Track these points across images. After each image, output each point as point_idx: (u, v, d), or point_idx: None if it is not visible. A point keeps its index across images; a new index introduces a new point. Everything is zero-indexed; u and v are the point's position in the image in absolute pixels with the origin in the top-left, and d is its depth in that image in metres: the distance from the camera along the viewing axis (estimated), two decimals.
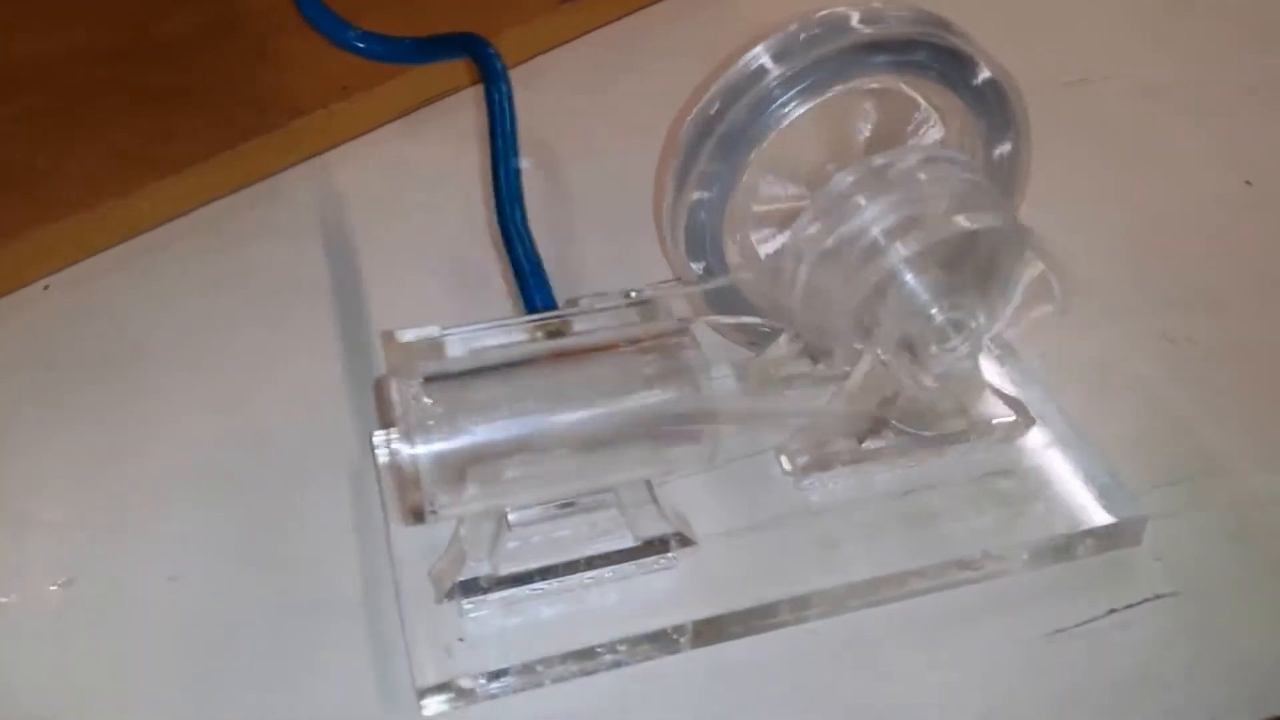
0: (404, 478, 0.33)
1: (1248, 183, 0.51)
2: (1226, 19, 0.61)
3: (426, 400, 0.33)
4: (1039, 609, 0.36)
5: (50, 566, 0.39)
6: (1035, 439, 0.40)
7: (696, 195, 0.39)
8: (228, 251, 0.50)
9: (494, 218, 0.43)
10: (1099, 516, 0.38)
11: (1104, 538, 0.37)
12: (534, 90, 0.54)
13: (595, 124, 0.55)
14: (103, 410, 0.43)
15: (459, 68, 0.56)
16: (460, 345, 0.35)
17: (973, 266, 0.36)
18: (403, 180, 0.53)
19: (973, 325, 0.36)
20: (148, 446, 0.42)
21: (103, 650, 0.36)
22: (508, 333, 0.36)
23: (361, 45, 0.51)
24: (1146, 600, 0.36)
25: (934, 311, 0.36)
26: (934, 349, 0.36)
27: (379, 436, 0.40)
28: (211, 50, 0.57)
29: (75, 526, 0.40)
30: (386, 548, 0.38)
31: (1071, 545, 0.37)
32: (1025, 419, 0.40)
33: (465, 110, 0.56)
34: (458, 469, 0.34)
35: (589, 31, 0.61)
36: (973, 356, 0.37)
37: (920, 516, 0.38)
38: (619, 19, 0.61)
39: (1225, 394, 0.42)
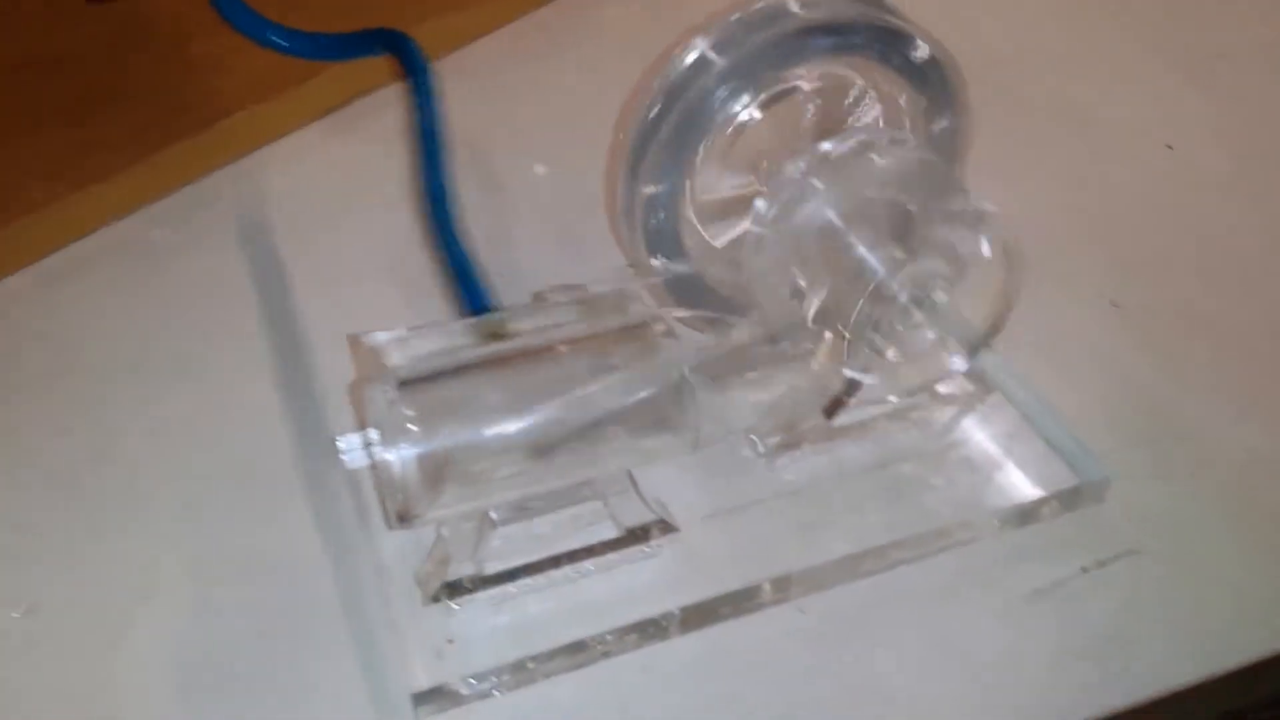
0: (388, 482, 0.33)
1: (1169, 147, 0.52)
2: None
3: (403, 405, 0.33)
4: (1015, 572, 0.37)
5: (8, 594, 0.37)
6: (996, 407, 0.41)
7: (649, 191, 0.39)
8: (158, 260, 0.49)
9: (425, 218, 0.42)
10: (1064, 478, 0.39)
11: (1070, 499, 0.38)
12: (459, 84, 0.53)
13: (524, 115, 0.55)
14: (46, 430, 0.42)
15: (381, 64, 0.55)
16: (429, 346, 0.34)
17: (929, 244, 0.37)
18: (332, 180, 0.52)
19: (933, 300, 0.36)
20: (99, 464, 0.41)
21: (76, 679, 0.35)
22: (475, 331, 0.35)
23: (281, 42, 0.50)
24: (1117, 557, 0.37)
25: (895, 287, 0.36)
26: (897, 326, 0.36)
27: (349, 440, 0.39)
28: (124, 57, 0.55)
29: (32, 550, 0.38)
30: (364, 553, 0.37)
31: (1040, 508, 0.38)
32: (984, 388, 0.41)
33: (391, 107, 0.55)
34: (439, 471, 0.33)
35: (509, 22, 0.60)
36: (934, 331, 0.37)
37: (893, 489, 0.39)
38: (538, 8, 0.61)
39: (1174, 353, 0.44)
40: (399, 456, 0.32)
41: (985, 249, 0.36)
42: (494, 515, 0.36)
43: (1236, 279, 0.46)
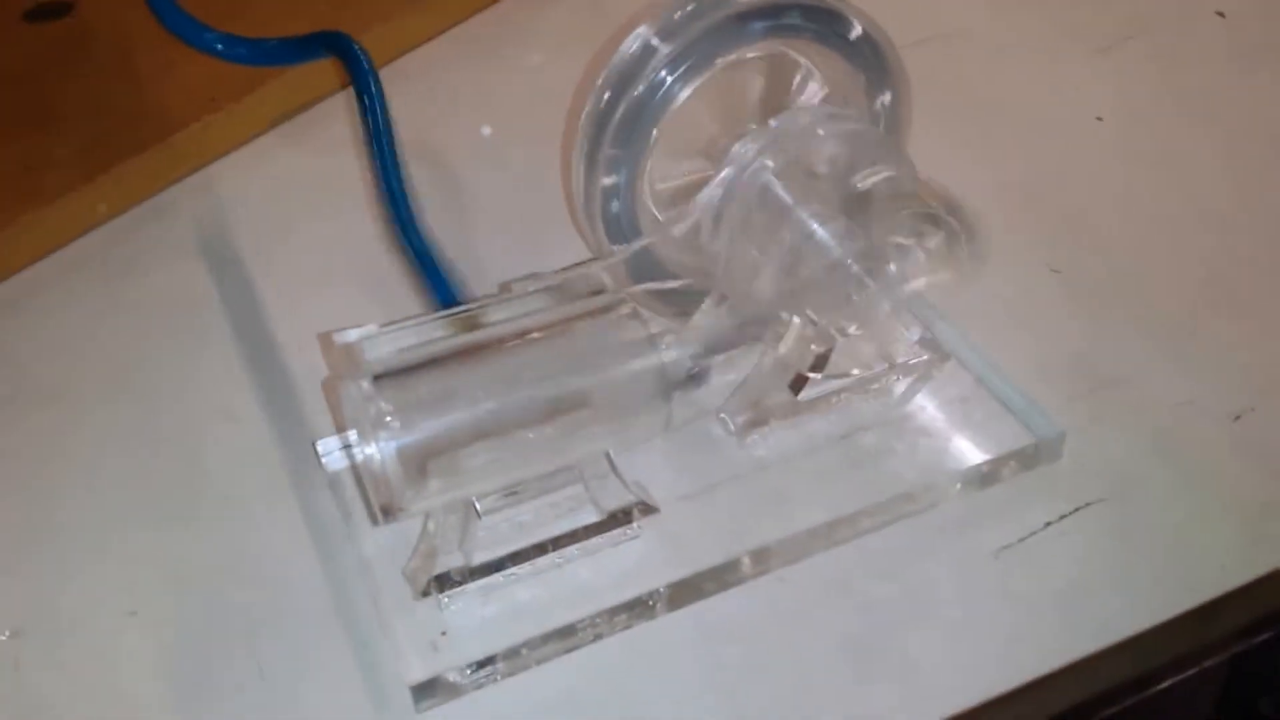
0: (370, 478, 0.34)
1: (1099, 119, 0.54)
2: None
3: (379, 399, 0.33)
4: (982, 530, 0.39)
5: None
6: (950, 374, 0.42)
7: (606, 181, 0.40)
8: (118, 278, 0.49)
9: (385, 217, 0.43)
10: (1021, 437, 0.40)
11: (1028, 456, 0.40)
12: (406, 88, 0.54)
13: (473, 115, 0.55)
14: (23, 454, 0.42)
15: (329, 73, 0.56)
16: (401, 341, 0.35)
17: (878, 216, 0.38)
18: (289, 188, 0.53)
19: (887, 271, 0.38)
20: (78, 484, 0.41)
21: (69, 696, 0.36)
22: (447, 324, 0.36)
23: (221, 48, 0.50)
24: (1077, 509, 0.39)
25: (849, 262, 0.37)
26: (854, 298, 0.38)
27: (329, 442, 0.40)
28: (67, 74, 0.55)
29: (14, 573, 0.39)
30: (348, 553, 0.38)
31: (1000, 468, 0.40)
32: (940, 355, 0.42)
33: (342, 112, 0.56)
34: (420, 463, 0.34)
35: (452, 26, 0.61)
36: (890, 301, 0.39)
37: (859, 458, 0.40)
38: (479, 11, 0.62)
39: (1111, 313, 0.45)
40: (379, 450, 0.33)
41: (950, 221, 0.37)
42: (479, 506, 0.36)
43: (1165, 241, 0.48)
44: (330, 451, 0.40)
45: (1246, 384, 0.42)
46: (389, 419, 0.34)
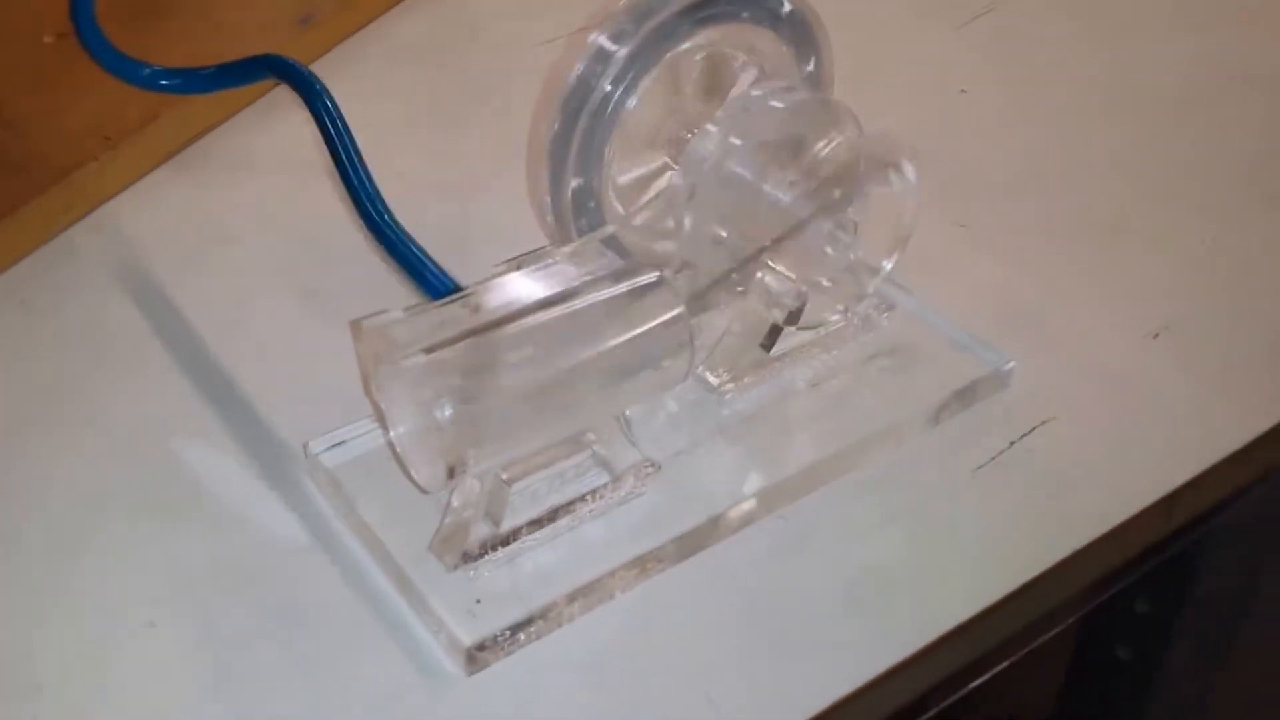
0: (433, 443, 0.34)
1: (963, 91, 0.59)
2: None
3: (433, 367, 0.34)
4: (955, 454, 0.41)
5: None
6: (899, 321, 0.45)
7: (574, 183, 0.42)
8: (37, 318, 0.48)
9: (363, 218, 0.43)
10: (974, 370, 0.43)
11: (983, 386, 0.43)
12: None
13: (389, 124, 0.56)
14: None
15: (215, 105, 0.56)
16: (431, 319, 0.36)
17: (837, 174, 0.41)
18: (193, 217, 0.53)
19: (851, 223, 0.41)
20: (56, 513, 0.40)
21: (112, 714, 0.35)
22: (467, 302, 0.37)
23: (165, 83, 0.50)
24: (1035, 428, 0.42)
25: (822, 220, 0.40)
26: (828, 250, 0.40)
27: (320, 441, 0.40)
28: None
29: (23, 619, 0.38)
30: (354, 542, 0.38)
31: (960, 399, 0.43)
32: (885, 304, 0.45)
33: (230, 143, 0.56)
34: (476, 424, 0.35)
35: (333, 47, 0.61)
36: (856, 251, 0.41)
37: (833, 402, 0.43)
38: (359, 29, 0.62)
39: (1023, 258, 0.49)
40: (441, 415, 0.33)
41: (909, 174, 0.40)
42: (504, 476, 0.37)
43: (1053, 190, 0.53)
44: (323, 449, 0.40)
45: (1158, 306, 0.47)
46: (448, 383, 0.34)
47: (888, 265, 0.42)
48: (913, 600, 0.37)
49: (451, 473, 0.34)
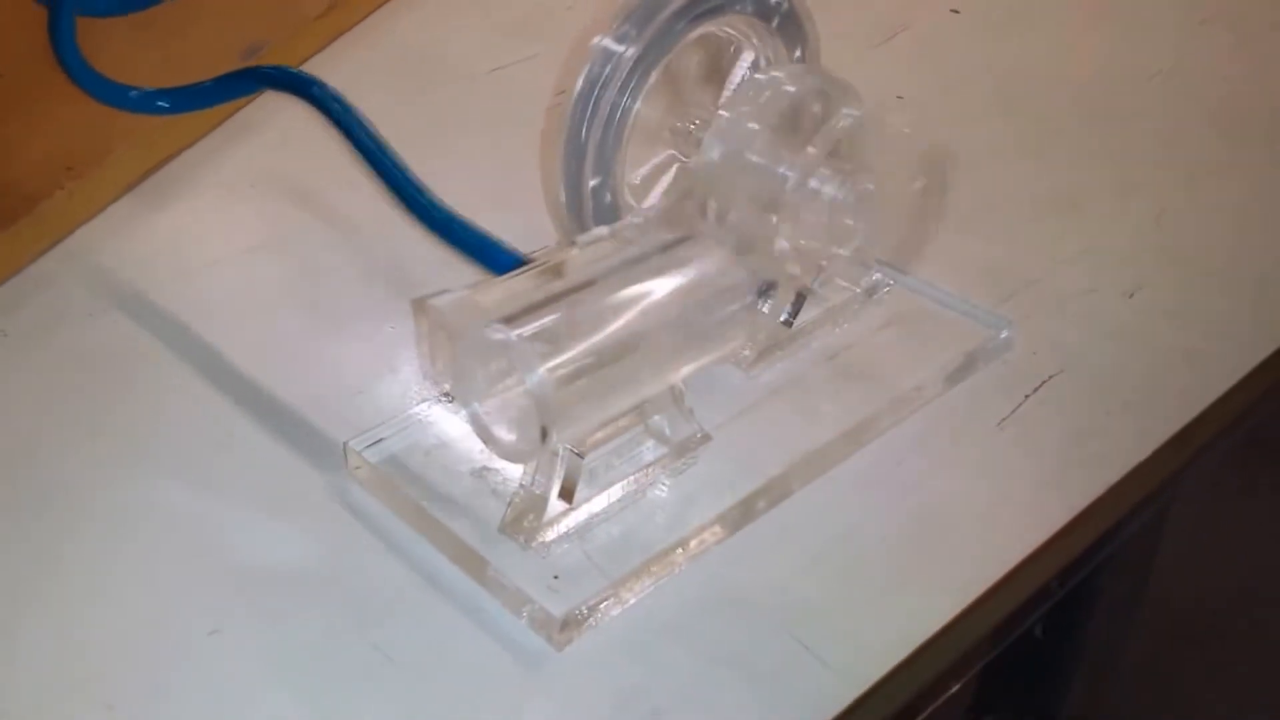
0: (525, 408, 0.34)
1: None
2: None
3: (526, 336, 0.34)
4: (978, 412, 0.43)
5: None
6: (899, 294, 0.47)
7: (593, 183, 0.43)
8: (28, 347, 0.46)
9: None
10: (980, 333, 0.45)
11: (993, 349, 0.45)
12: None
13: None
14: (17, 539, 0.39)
15: (179, 130, 0.55)
16: (500, 293, 0.36)
17: (851, 148, 0.43)
18: (173, 237, 0.52)
19: (870, 194, 0.42)
20: (113, 525, 0.39)
21: None
22: (533, 276, 0.37)
23: (165, 105, 0.49)
24: (1045, 382, 0.44)
25: (843, 195, 0.41)
26: (848, 221, 0.42)
27: (362, 439, 0.40)
28: None
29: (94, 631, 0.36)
30: (421, 529, 0.38)
31: (972, 361, 0.45)
32: (882, 279, 0.47)
33: (196, 167, 0.55)
34: (567, 388, 0.35)
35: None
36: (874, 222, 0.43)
37: (854, 372, 0.44)
38: (305, 61, 0.62)
39: (1001, 233, 0.52)
40: (536, 378, 0.33)
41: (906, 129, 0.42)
42: (575, 451, 0.37)
43: (1017, 173, 0.56)
44: (364, 447, 0.40)
45: (1131, 268, 0.50)
46: (538, 348, 0.34)
47: (901, 224, 0.44)
48: (977, 539, 0.39)
49: (545, 436, 0.34)
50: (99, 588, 0.37)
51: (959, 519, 0.39)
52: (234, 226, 0.53)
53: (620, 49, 0.42)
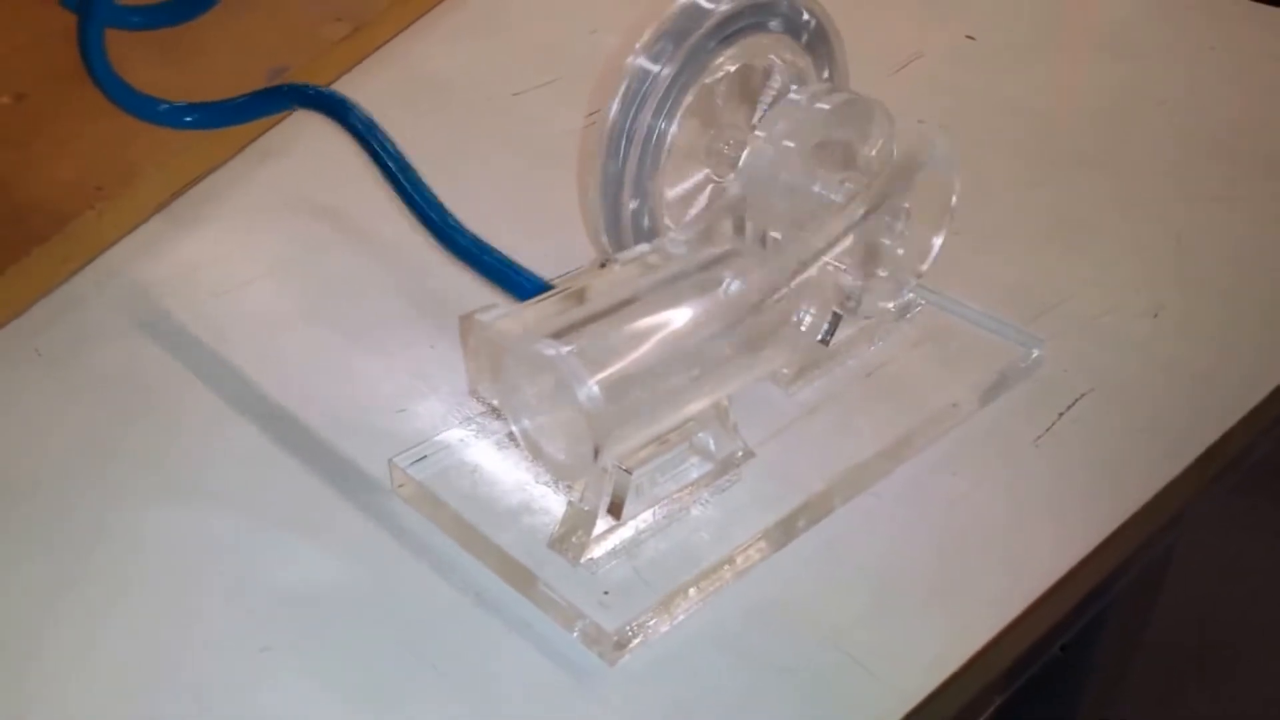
0: (579, 422, 0.34)
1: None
2: None
3: (578, 353, 0.34)
4: (1012, 430, 0.44)
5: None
6: (930, 313, 0.47)
7: (632, 205, 0.43)
8: (63, 366, 0.46)
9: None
10: (1014, 352, 0.46)
11: (1025, 368, 0.45)
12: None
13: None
14: (51, 546, 0.39)
15: (206, 153, 0.55)
16: (537, 313, 0.36)
17: (885, 171, 0.43)
18: (201, 258, 0.52)
19: (904, 212, 0.43)
20: (133, 562, 0.39)
21: None
22: (569, 296, 0.37)
23: (192, 119, 0.49)
24: (1078, 400, 0.45)
25: (880, 214, 0.42)
26: (885, 241, 0.42)
27: (405, 456, 0.40)
28: None
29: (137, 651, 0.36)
30: (468, 545, 0.38)
31: (1004, 379, 0.45)
32: (913, 299, 0.47)
33: (220, 190, 0.55)
34: (618, 404, 0.35)
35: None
36: (906, 244, 0.43)
37: (890, 389, 0.45)
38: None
39: (1023, 257, 0.52)
40: (588, 393, 0.34)
41: (945, 149, 0.42)
42: (623, 467, 0.37)
43: (1037, 199, 0.56)
44: (409, 464, 0.40)
45: (1153, 290, 0.50)
46: (590, 363, 0.34)
47: (937, 241, 0.44)
48: (1015, 555, 0.39)
49: (596, 454, 0.34)
50: (142, 608, 0.37)
51: (1000, 534, 0.40)
52: (263, 248, 0.53)
53: (656, 68, 0.42)
